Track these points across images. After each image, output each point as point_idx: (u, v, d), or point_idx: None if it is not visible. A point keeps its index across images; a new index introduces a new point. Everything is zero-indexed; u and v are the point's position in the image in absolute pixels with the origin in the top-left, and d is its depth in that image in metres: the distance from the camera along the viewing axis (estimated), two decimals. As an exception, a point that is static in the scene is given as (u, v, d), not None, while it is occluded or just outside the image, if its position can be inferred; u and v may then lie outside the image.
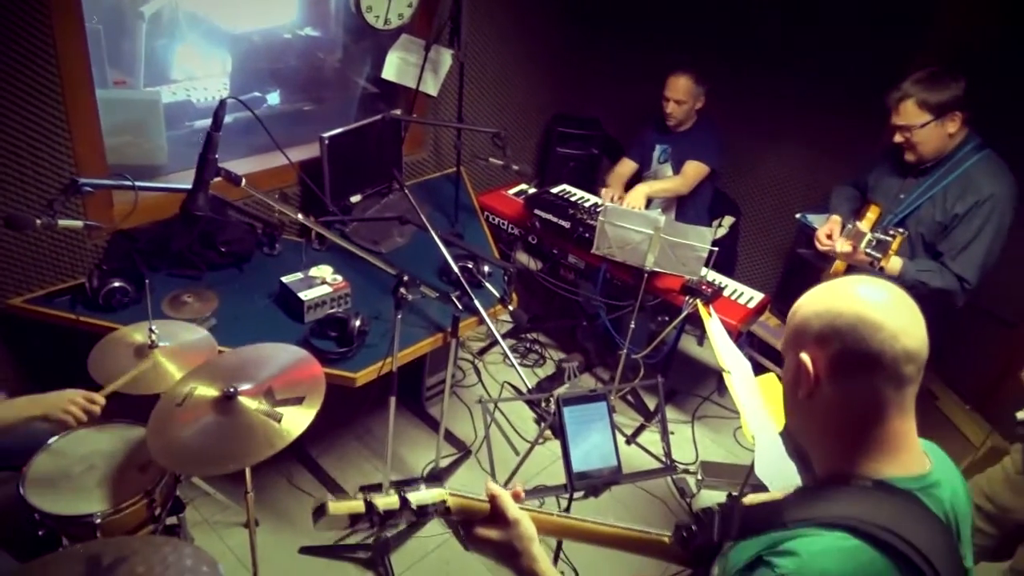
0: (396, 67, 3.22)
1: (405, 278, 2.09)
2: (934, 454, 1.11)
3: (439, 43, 3.15)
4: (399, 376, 2.32)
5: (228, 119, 3.46)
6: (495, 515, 1.11)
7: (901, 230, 2.33)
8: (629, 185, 3.57)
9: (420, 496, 1.07)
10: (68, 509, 1.88)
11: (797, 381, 1.05)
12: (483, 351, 3.81)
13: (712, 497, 3.09)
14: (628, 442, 3.31)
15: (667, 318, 3.04)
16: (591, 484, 1.77)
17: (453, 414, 3.29)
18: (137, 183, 2.13)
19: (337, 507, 1.02)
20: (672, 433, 2.77)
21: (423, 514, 1.08)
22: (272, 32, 3.69)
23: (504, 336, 3.91)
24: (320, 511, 1.02)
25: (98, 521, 1.88)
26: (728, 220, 3.70)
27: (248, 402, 1.89)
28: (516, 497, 1.14)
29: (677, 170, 3.48)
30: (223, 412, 1.87)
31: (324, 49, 3.73)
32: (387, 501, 1.04)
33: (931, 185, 2.49)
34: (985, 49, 2.88)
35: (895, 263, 2.48)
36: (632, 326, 3.04)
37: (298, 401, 1.91)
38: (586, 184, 3.80)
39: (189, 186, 1.91)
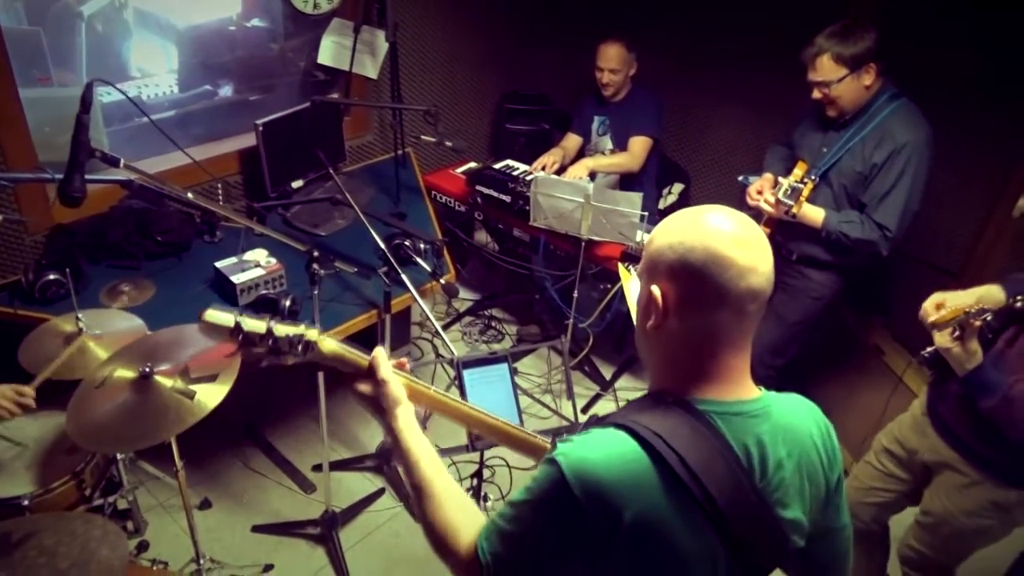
0: (331, 51, 3.25)
1: (316, 254, 2.13)
2: (794, 404, 1.13)
3: (371, 24, 3.17)
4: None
5: (172, 112, 3.55)
6: (370, 372, 1.21)
7: (813, 178, 2.35)
8: (576, 158, 3.59)
9: (285, 328, 1.13)
10: (-4, 492, 1.95)
11: (647, 312, 1.07)
12: (447, 326, 3.85)
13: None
14: (583, 411, 3.36)
15: (609, 286, 3.06)
16: (490, 444, 1.81)
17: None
18: (56, 176, 2.17)
19: (212, 315, 1.11)
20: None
21: (288, 345, 1.14)
22: (218, 25, 3.73)
23: (463, 314, 3.96)
24: (200, 316, 1.11)
25: (26, 503, 1.95)
26: (678, 187, 3.71)
27: (164, 381, 1.93)
28: (400, 366, 1.24)
29: (617, 142, 3.48)
30: (139, 391, 1.91)
31: (270, 39, 3.76)
32: (254, 324, 1.12)
33: (850, 137, 2.50)
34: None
35: (815, 213, 2.50)
36: (575, 295, 3.07)
37: (211, 379, 1.95)
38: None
39: (116, 177, 1.95)
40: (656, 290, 1.04)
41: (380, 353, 1.22)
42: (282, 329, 1.14)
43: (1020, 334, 1.79)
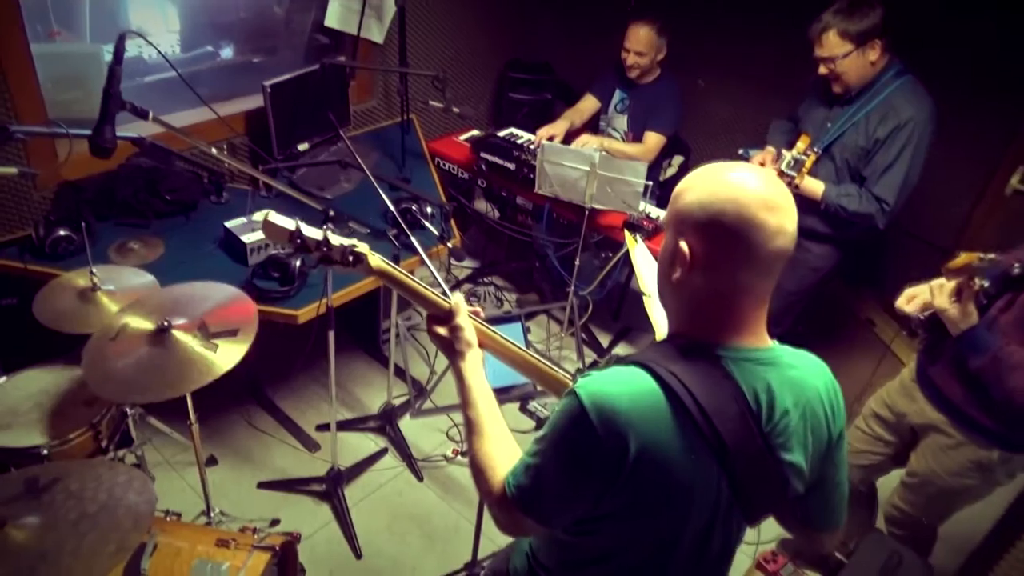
0: (338, 14, 3.24)
1: (331, 213, 2.16)
2: (805, 360, 1.19)
3: (379, -13, 3.17)
4: (355, 318, 2.40)
5: (175, 73, 3.52)
6: (450, 316, 1.35)
7: (816, 150, 2.41)
8: (590, 122, 3.60)
9: (339, 239, 1.31)
10: (14, 442, 1.99)
11: (672, 264, 1.10)
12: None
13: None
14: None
15: (611, 254, 3.12)
16: (506, 400, 1.87)
17: (409, 356, 3.37)
18: (71, 130, 2.18)
19: (276, 219, 1.27)
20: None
21: (340, 254, 1.31)
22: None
23: (462, 281, 4.00)
24: (265, 219, 1.28)
25: (44, 452, 1.98)
26: (677, 159, 3.74)
27: (182, 335, 1.96)
28: (476, 314, 1.39)
29: (632, 125, 3.47)
30: (158, 344, 1.94)
31: (274, 1, 3.74)
32: (312, 231, 1.29)
33: (855, 112, 2.55)
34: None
35: (816, 186, 2.56)
36: (577, 263, 3.11)
37: (232, 334, 1.99)
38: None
39: (128, 134, 1.97)
40: (684, 245, 1.07)
41: (460, 300, 1.36)
42: (336, 239, 1.30)
43: (1014, 301, 1.86)
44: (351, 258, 1.30)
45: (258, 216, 2.66)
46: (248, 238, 2.56)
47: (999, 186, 2.95)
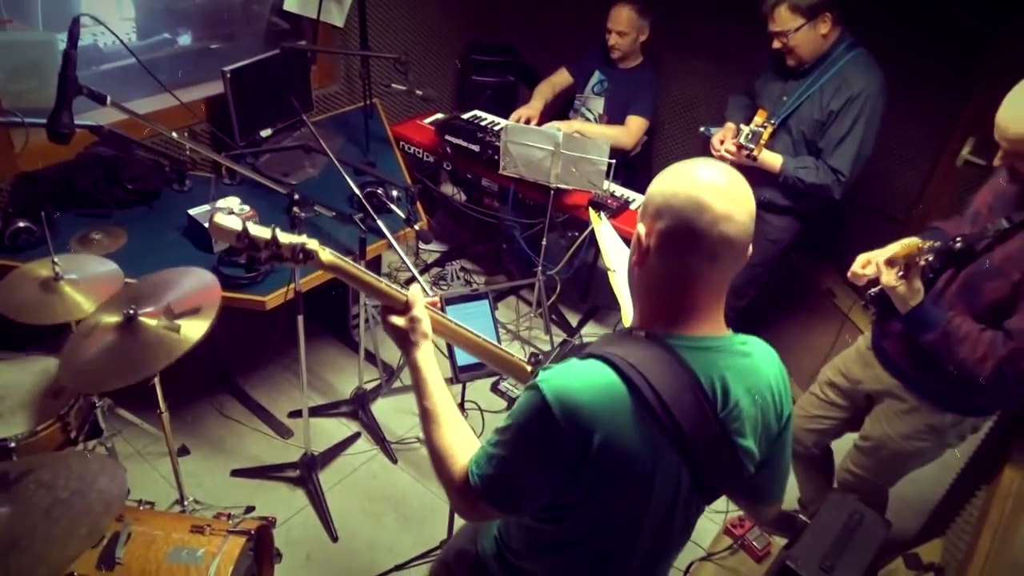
0: (298, -2, 3.21)
1: (296, 196, 2.16)
2: (757, 347, 1.23)
3: (338, -29, 3.15)
4: (323, 304, 2.39)
5: (132, 60, 3.47)
6: (406, 308, 1.34)
7: (772, 122, 2.46)
8: (560, 98, 3.60)
9: (289, 236, 1.27)
10: (-20, 435, 1.96)
11: (634, 249, 1.17)
12: (409, 281, 3.90)
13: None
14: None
15: (577, 233, 3.15)
16: (474, 376, 1.90)
17: (380, 339, 3.38)
18: (27, 119, 2.15)
19: (221, 219, 1.23)
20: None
21: (290, 251, 1.26)
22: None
23: (430, 266, 4.01)
24: (211, 219, 1.24)
25: (12, 445, 1.97)
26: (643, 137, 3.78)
27: (148, 321, 1.96)
28: (433, 304, 1.40)
29: (610, 109, 3.49)
30: (125, 333, 1.93)
31: (230, -15, 3.69)
32: (260, 230, 1.24)
33: (809, 85, 2.61)
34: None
35: (774, 159, 2.62)
36: (544, 243, 3.15)
37: (194, 312, 1.98)
38: (504, 112, 3.84)
39: (86, 122, 1.94)
40: (641, 228, 1.13)
41: (417, 291, 1.35)
42: (286, 237, 1.26)
43: (957, 274, 1.92)
44: (302, 255, 1.27)
45: (222, 203, 2.64)
46: (211, 215, 2.53)
47: (951, 157, 3.03)
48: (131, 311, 1.94)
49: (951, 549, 2.17)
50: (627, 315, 2.17)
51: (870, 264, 1.96)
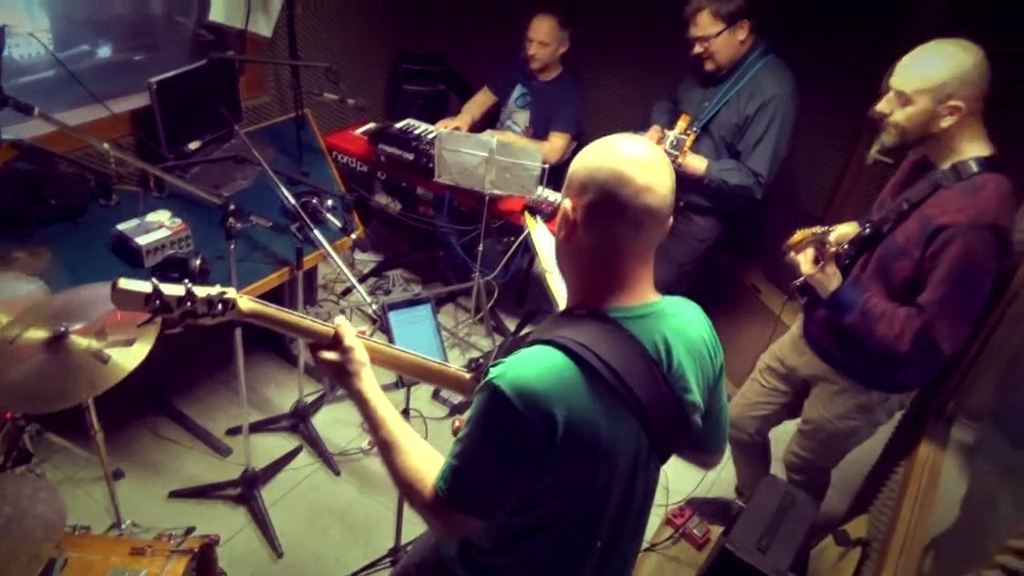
0: (224, 8, 3.16)
1: (231, 207, 2.14)
2: (684, 306, 1.30)
3: (264, -19, 3.12)
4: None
5: (51, 72, 3.35)
6: (336, 341, 1.29)
7: (695, 130, 2.58)
8: (488, 115, 3.65)
9: (204, 289, 1.18)
10: (-100, 465, 1.87)
11: (561, 225, 1.20)
12: (345, 292, 3.88)
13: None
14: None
15: (512, 238, 3.21)
16: (416, 381, 1.92)
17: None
18: (-61, 135, 2.07)
19: (127, 284, 1.11)
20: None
21: (207, 305, 1.18)
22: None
23: (367, 275, 4.00)
24: (113, 287, 1.11)
25: (-65, 474, 1.88)
26: (571, 144, 3.87)
27: (80, 340, 1.90)
28: (361, 334, 1.35)
29: (536, 121, 3.54)
30: (53, 351, 1.87)
31: (152, -5, 3.60)
32: (172, 289, 1.14)
33: (727, 91, 2.74)
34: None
35: (698, 163, 2.74)
36: (480, 249, 3.19)
37: (128, 343, 1.93)
38: (435, 121, 3.87)
39: (6, 137, 1.88)
40: (568, 203, 1.17)
41: (344, 322, 1.32)
42: (201, 290, 1.18)
43: (870, 259, 2.06)
44: (220, 306, 1.19)
45: (151, 217, 2.58)
46: (143, 240, 2.48)
47: (861, 156, 3.22)
48: (62, 328, 1.89)
49: (875, 523, 2.31)
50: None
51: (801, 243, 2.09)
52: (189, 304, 1.16)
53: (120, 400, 1.88)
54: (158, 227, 2.55)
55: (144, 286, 1.12)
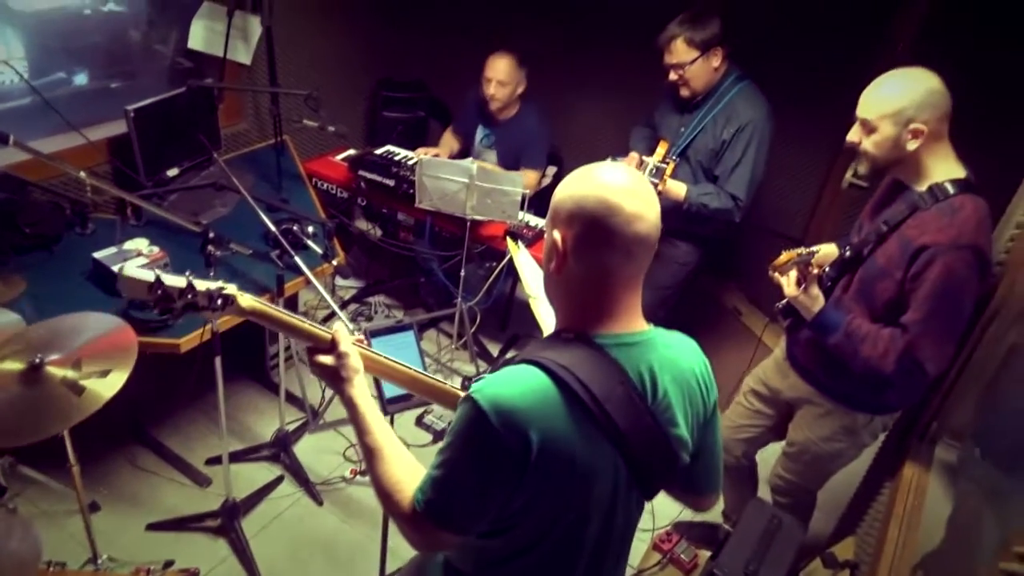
0: (203, 36, 3.17)
1: (211, 235, 2.12)
2: (677, 339, 1.30)
3: (244, 9, 3.13)
4: (240, 345, 2.34)
5: (27, 100, 3.32)
6: (332, 346, 1.32)
7: (675, 158, 2.61)
8: (462, 151, 3.67)
9: (205, 283, 1.23)
10: None
11: (550, 256, 1.20)
12: (328, 318, 3.85)
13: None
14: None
15: (494, 263, 3.21)
16: (403, 408, 1.91)
17: (304, 375, 3.30)
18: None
19: (132, 271, 1.18)
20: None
21: (207, 299, 1.23)
22: (70, 9, 3.52)
23: (348, 302, 3.97)
24: (118, 275, 1.19)
25: (-98, 512, 1.82)
26: (551, 170, 3.89)
27: (55, 372, 1.86)
28: (359, 343, 1.37)
29: (504, 160, 3.53)
30: (29, 383, 1.83)
31: (129, 24, 3.59)
32: (174, 280, 1.21)
33: (703, 116, 2.79)
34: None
35: (679, 189, 2.77)
36: (462, 274, 3.18)
37: (103, 374, 1.89)
38: (415, 147, 3.88)
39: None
40: (557, 235, 1.18)
41: (341, 328, 1.34)
42: (202, 283, 1.23)
43: (852, 280, 2.09)
44: (220, 301, 1.24)
45: (129, 245, 2.55)
46: (120, 268, 2.44)
47: (836, 180, 3.27)
48: (38, 359, 1.85)
49: (863, 545, 2.31)
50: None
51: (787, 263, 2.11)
52: (191, 296, 1.21)
53: (97, 430, 1.84)
54: (136, 255, 2.52)
55: (147, 275, 1.18)
